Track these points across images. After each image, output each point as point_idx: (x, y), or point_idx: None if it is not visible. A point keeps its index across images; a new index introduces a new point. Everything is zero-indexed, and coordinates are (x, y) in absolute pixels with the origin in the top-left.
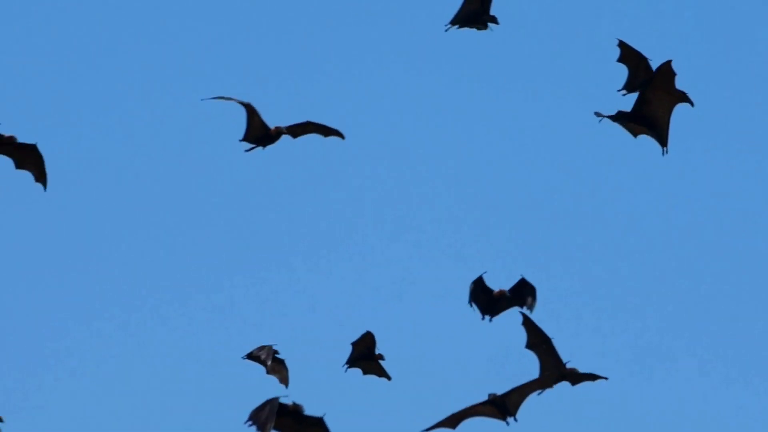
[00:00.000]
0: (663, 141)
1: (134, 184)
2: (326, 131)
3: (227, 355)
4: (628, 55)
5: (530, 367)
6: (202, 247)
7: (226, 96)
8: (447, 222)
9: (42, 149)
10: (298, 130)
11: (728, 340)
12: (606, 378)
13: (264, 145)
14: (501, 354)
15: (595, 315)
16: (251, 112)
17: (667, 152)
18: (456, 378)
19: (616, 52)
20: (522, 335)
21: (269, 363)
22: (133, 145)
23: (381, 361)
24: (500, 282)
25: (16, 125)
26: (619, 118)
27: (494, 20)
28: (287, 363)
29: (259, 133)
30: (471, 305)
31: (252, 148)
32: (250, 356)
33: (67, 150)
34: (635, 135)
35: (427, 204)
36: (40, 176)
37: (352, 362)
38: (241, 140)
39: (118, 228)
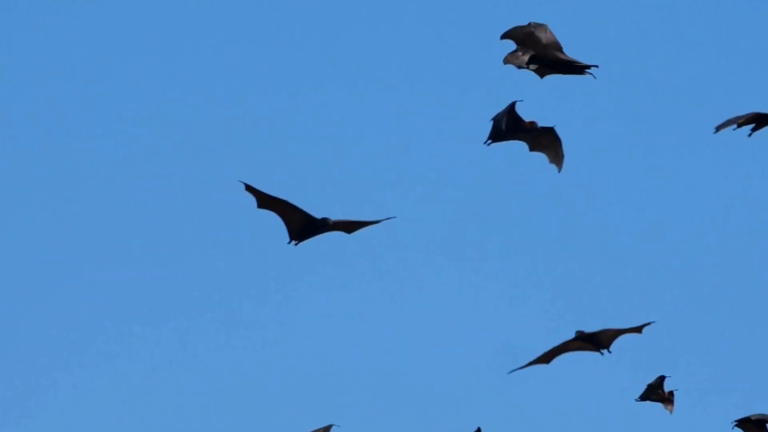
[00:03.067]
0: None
1: (145, 191)
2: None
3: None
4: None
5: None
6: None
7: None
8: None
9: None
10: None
11: (729, 347)
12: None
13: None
14: (504, 352)
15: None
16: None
17: (593, 72)
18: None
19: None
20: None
21: None
22: (141, 152)
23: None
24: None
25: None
26: (532, 61)
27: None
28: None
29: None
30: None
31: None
32: None
33: (79, 156)
34: (542, 76)
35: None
36: (556, 158)
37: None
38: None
39: (134, 238)
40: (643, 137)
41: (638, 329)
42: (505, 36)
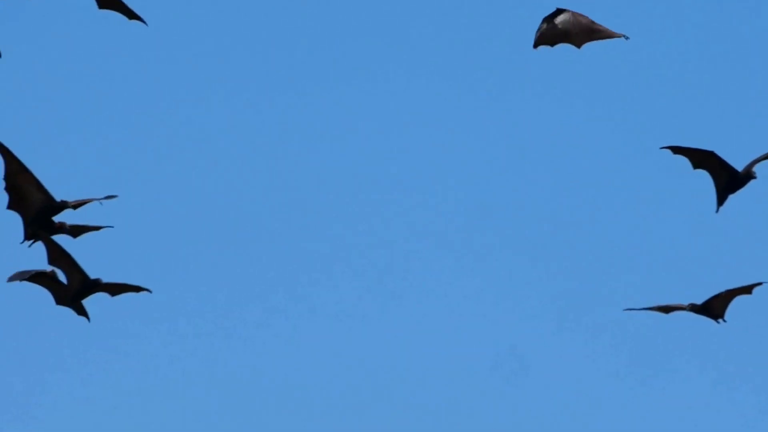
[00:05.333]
0: (613, 35)
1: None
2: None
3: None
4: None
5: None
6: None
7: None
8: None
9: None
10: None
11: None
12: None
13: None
14: (503, 354)
15: (595, 319)
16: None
17: (628, 37)
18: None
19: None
20: None
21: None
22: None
23: None
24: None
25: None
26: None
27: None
28: None
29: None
30: None
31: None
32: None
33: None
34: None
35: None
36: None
37: None
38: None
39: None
40: (645, 137)
41: (747, 289)
42: (538, 44)
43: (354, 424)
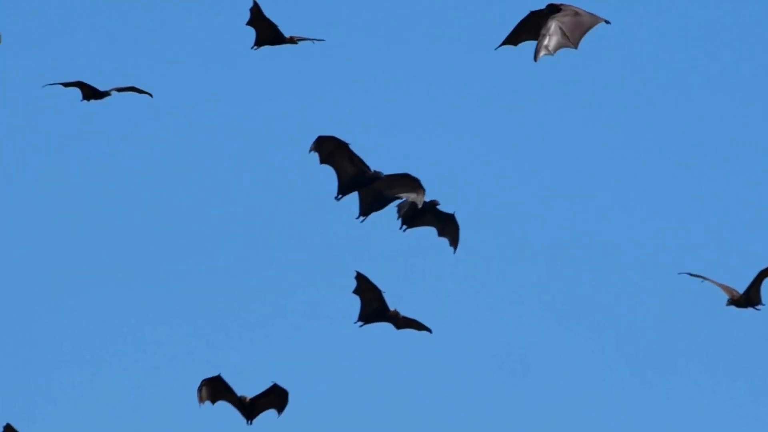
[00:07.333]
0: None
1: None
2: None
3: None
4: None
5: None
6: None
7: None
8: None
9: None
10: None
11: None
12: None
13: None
14: (503, 354)
15: (593, 319)
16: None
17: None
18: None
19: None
20: None
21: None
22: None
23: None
24: None
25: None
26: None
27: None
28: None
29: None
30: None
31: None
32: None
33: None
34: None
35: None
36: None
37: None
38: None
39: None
40: (646, 140)
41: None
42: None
43: (354, 425)
